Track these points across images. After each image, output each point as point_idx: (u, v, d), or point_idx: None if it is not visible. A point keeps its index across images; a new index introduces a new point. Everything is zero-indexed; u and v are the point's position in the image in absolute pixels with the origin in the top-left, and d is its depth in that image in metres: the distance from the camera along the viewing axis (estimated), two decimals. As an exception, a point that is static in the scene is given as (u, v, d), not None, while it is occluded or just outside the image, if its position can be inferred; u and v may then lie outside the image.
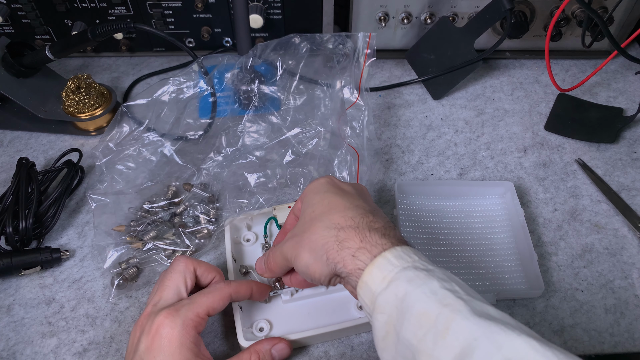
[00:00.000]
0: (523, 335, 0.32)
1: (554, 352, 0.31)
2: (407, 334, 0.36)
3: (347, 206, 0.43)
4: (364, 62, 0.60)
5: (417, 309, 0.36)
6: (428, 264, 0.39)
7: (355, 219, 0.41)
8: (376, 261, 0.39)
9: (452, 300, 0.36)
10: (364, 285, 0.39)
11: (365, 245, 0.40)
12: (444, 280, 0.37)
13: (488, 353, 0.32)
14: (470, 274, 0.56)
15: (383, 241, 0.40)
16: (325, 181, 0.47)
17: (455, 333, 0.34)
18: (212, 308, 0.44)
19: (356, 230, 0.41)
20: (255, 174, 0.59)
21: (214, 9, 0.74)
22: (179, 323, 0.42)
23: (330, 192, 0.45)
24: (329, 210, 0.43)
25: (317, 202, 0.45)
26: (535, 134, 0.70)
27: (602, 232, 0.60)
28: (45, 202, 0.58)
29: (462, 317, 0.34)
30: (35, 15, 0.73)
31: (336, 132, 0.59)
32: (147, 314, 0.44)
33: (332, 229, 0.41)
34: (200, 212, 0.59)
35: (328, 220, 0.42)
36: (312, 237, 0.42)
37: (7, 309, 0.54)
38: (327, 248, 0.41)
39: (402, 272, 0.38)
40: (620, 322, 0.52)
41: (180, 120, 0.61)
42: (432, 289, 0.36)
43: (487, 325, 0.34)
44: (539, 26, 0.76)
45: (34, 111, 0.68)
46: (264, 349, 0.46)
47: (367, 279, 0.39)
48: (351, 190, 0.46)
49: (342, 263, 0.40)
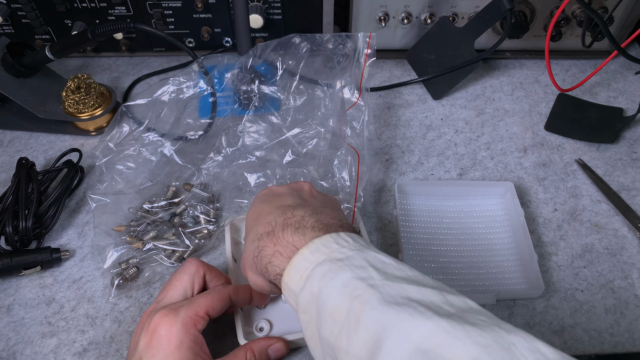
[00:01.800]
0: (434, 317, 0.31)
1: (467, 330, 0.30)
2: (325, 332, 0.35)
3: (270, 211, 0.43)
4: (364, 62, 0.60)
5: (330, 304, 0.35)
6: (348, 250, 0.37)
7: (272, 223, 0.41)
8: (293, 260, 0.38)
9: (362, 291, 0.34)
10: (286, 287, 0.39)
11: (278, 248, 0.40)
12: (358, 268, 0.36)
13: (397, 343, 0.31)
14: (470, 274, 0.56)
15: (295, 238, 0.39)
16: (264, 193, 0.48)
17: (366, 325, 0.33)
18: (212, 308, 0.44)
19: (271, 235, 0.40)
20: (255, 174, 0.59)
21: (214, 9, 0.74)
22: (179, 321, 0.42)
23: (260, 201, 0.46)
24: (255, 222, 0.44)
25: (249, 217, 0.46)
26: (535, 134, 0.70)
27: (602, 232, 0.60)
28: (45, 202, 0.58)
29: (370, 308, 0.33)
30: (35, 15, 0.73)
31: (336, 132, 0.59)
32: (149, 311, 0.44)
33: (255, 240, 0.42)
34: (200, 212, 0.59)
35: (253, 233, 0.43)
36: (245, 255, 0.43)
37: (7, 309, 0.54)
38: (255, 260, 0.41)
39: (316, 268, 0.37)
40: (620, 322, 0.52)
41: (180, 120, 0.61)
42: (343, 281, 0.35)
43: (394, 313, 0.32)
44: (539, 26, 0.76)
45: (34, 111, 0.68)
46: (261, 348, 0.46)
47: (287, 280, 0.39)
48: (283, 191, 0.46)
49: (266, 271, 0.40)
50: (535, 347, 0.29)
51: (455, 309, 0.33)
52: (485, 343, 0.29)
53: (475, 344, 0.29)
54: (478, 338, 0.30)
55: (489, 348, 0.29)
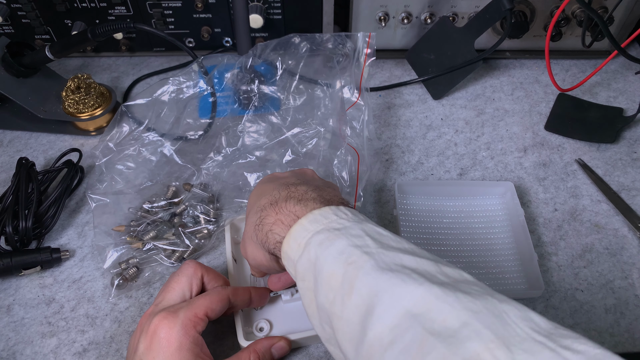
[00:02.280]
0: (426, 283, 0.32)
1: (458, 296, 0.30)
2: (321, 299, 0.36)
3: (274, 187, 0.44)
4: (364, 62, 0.60)
5: (326, 271, 0.36)
6: (347, 221, 0.38)
7: (275, 195, 0.42)
8: (292, 230, 0.39)
9: (357, 257, 0.35)
10: (285, 255, 0.39)
11: (280, 217, 0.40)
12: (355, 237, 0.36)
13: (388, 307, 0.32)
14: (470, 274, 0.55)
15: (297, 208, 0.40)
16: (265, 177, 0.49)
17: (359, 291, 0.33)
18: (211, 309, 0.44)
19: (274, 205, 0.41)
20: (255, 173, 0.59)
21: (214, 9, 0.74)
22: (178, 323, 0.42)
23: (263, 182, 0.47)
24: (257, 197, 0.44)
25: (252, 196, 0.47)
26: (535, 134, 0.70)
27: (602, 232, 0.60)
28: (45, 202, 0.58)
29: (363, 274, 0.34)
30: (35, 15, 0.73)
31: (336, 132, 0.59)
32: (148, 313, 0.44)
33: (258, 212, 0.42)
34: (200, 212, 0.59)
35: (256, 206, 0.44)
36: (247, 228, 0.44)
37: (7, 309, 0.54)
38: (256, 231, 0.42)
39: (314, 236, 0.38)
40: (620, 322, 0.52)
41: (180, 120, 0.61)
42: (339, 248, 0.36)
43: (387, 279, 0.33)
44: (539, 26, 0.76)
45: (34, 111, 0.68)
46: (264, 348, 0.46)
47: (286, 248, 0.39)
48: (287, 174, 0.47)
49: (266, 241, 0.41)
50: (528, 316, 0.29)
51: (449, 279, 0.33)
52: (475, 309, 0.30)
53: (466, 310, 0.30)
54: (469, 304, 0.30)
55: (479, 314, 0.29)
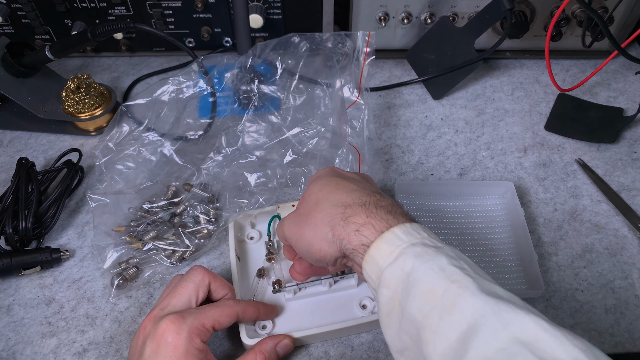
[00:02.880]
0: (531, 314, 0.32)
1: (563, 332, 0.31)
2: (412, 310, 0.36)
3: (353, 188, 0.43)
4: (363, 61, 0.60)
5: (424, 284, 0.36)
6: (437, 242, 0.39)
7: (362, 198, 0.41)
8: (384, 236, 0.38)
9: (460, 277, 0.35)
10: (370, 260, 0.39)
11: (371, 220, 0.39)
12: (452, 258, 0.37)
13: (495, 330, 0.32)
14: (470, 274, 0.56)
15: (389, 217, 0.39)
16: (330, 169, 0.47)
17: (462, 309, 0.33)
18: (218, 322, 0.44)
19: (363, 207, 0.40)
20: (255, 173, 0.59)
21: (214, 9, 0.74)
22: (185, 330, 0.42)
23: (336, 177, 0.45)
24: (336, 190, 0.43)
25: (323, 185, 0.44)
26: (535, 134, 0.70)
27: (602, 232, 0.60)
28: (45, 202, 0.58)
29: (469, 294, 0.34)
30: (35, 15, 0.73)
31: (337, 131, 0.59)
32: (152, 316, 0.44)
33: (339, 207, 0.41)
34: (200, 212, 0.59)
35: (335, 199, 0.42)
36: (318, 216, 0.42)
37: (7, 309, 0.54)
38: (333, 224, 0.40)
39: (410, 248, 0.37)
40: (620, 322, 0.52)
41: (180, 120, 0.61)
42: (440, 265, 0.36)
43: (494, 303, 0.33)
44: (539, 26, 0.76)
45: (34, 111, 0.68)
46: (269, 348, 0.47)
47: (374, 252, 0.38)
48: (355, 176, 0.47)
49: (347, 239, 0.40)
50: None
51: (541, 315, 0.34)
52: (582, 347, 0.31)
53: (574, 346, 0.30)
54: (575, 341, 0.31)
55: (586, 352, 0.30)
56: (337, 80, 0.60)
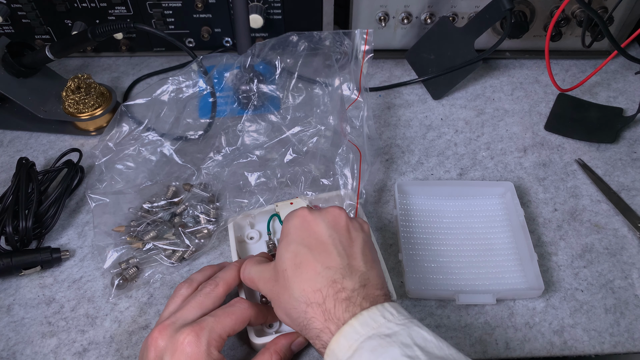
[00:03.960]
0: None
1: None
2: None
3: (317, 270, 0.42)
4: (362, 59, 0.60)
5: None
6: (396, 325, 0.39)
7: (323, 291, 0.41)
8: (342, 330, 0.39)
9: None
10: (330, 353, 0.39)
11: (328, 324, 0.40)
12: (405, 346, 0.37)
13: None
14: (470, 274, 0.56)
15: (346, 316, 0.40)
16: (299, 225, 0.45)
17: None
18: (234, 330, 0.45)
19: (322, 308, 0.41)
20: (255, 173, 0.59)
21: (214, 9, 0.74)
22: (204, 343, 0.42)
23: (302, 245, 0.44)
24: (299, 272, 0.43)
25: (289, 257, 0.44)
26: (535, 134, 0.70)
27: (602, 232, 0.60)
28: (45, 202, 0.58)
29: None
30: (35, 15, 0.73)
31: (337, 130, 0.59)
32: (165, 326, 0.43)
33: (302, 303, 0.42)
34: (200, 212, 0.59)
35: (298, 289, 0.42)
36: (287, 305, 0.43)
37: (7, 309, 0.54)
38: (300, 323, 0.42)
39: (366, 342, 0.38)
40: (620, 322, 0.52)
41: (180, 120, 0.61)
42: (393, 357, 0.37)
43: None
44: (539, 26, 0.76)
45: (34, 111, 0.68)
46: (284, 347, 0.47)
47: (334, 347, 0.39)
48: (324, 234, 0.44)
49: (313, 342, 0.42)
50: None
51: None
52: None
53: None
54: None
55: None
56: (336, 79, 0.60)
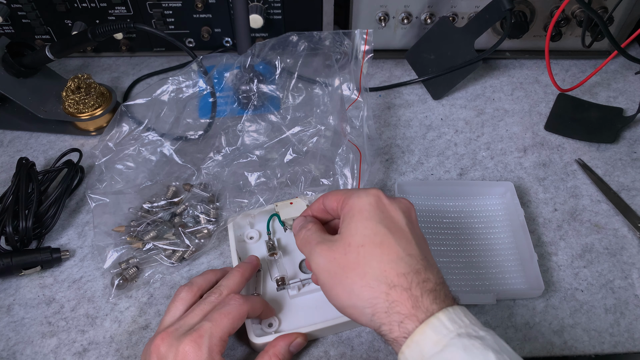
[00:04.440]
0: None
1: None
2: None
3: (400, 255, 0.40)
4: (362, 59, 0.60)
5: None
6: (479, 329, 0.37)
7: (408, 277, 0.39)
8: (429, 321, 0.37)
9: None
10: (414, 345, 0.37)
11: (416, 312, 0.38)
12: (497, 352, 0.36)
13: None
14: (470, 274, 0.56)
15: (434, 307, 0.38)
16: (375, 204, 0.42)
17: None
18: (234, 329, 0.45)
19: (408, 293, 0.38)
20: (255, 173, 0.59)
21: (214, 9, 0.74)
22: (205, 351, 0.42)
23: (382, 225, 0.41)
24: (380, 252, 0.40)
25: (367, 234, 0.41)
26: (535, 134, 0.70)
27: (602, 232, 0.60)
28: (45, 202, 0.58)
29: None
30: (35, 15, 0.73)
31: (338, 130, 0.59)
32: (169, 333, 0.43)
33: (383, 284, 0.38)
34: (200, 212, 0.59)
35: (378, 269, 0.39)
36: (358, 283, 0.39)
37: (7, 309, 0.54)
38: (375, 304, 0.38)
39: (457, 339, 0.36)
40: (620, 322, 0.52)
41: (180, 120, 0.61)
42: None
43: None
44: (539, 26, 0.76)
45: (34, 111, 0.68)
46: (283, 349, 0.47)
47: (419, 338, 0.37)
48: (402, 221, 0.42)
49: (389, 327, 0.38)
50: None
51: None
52: None
53: None
54: None
55: None
56: (336, 79, 0.60)
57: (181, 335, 0.43)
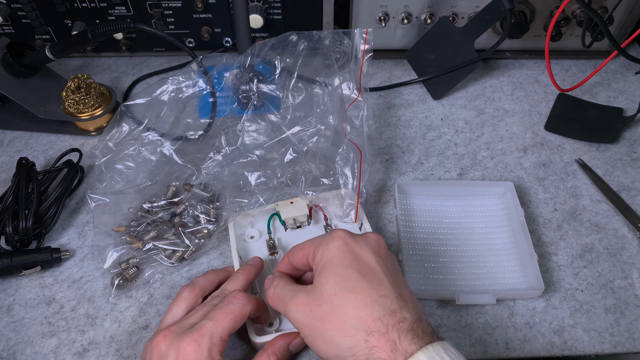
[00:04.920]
0: None
1: None
2: None
3: (373, 297, 0.40)
4: (362, 58, 0.60)
5: None
6: None
7: (384, 320, 0.39)
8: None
9: None
10: None
11: (395, 356, 0.37)
12: None
13: None
14: (470, 274, 0.56)
15: (413, 348, 0.38)
16: (344, 247, 0.43)
17: None
18: (235, 328, 0.44)
19: (386, 337, 0.38)
20: (255, 173, 0.59)
21: (214, 9, 0.74)
22: (205, 350, 0.42)
23: (351, 269, 0.42)
24: (353, 297, 0.40)
25: (338, 280, 0.41)
26: (535, 134, 0.70)
27: (602, 232, 0.60)
28: (45, 202, 0.58)
29: None
30: (35, 15, 0.73)
31: (338, 129, 0.59)
32: (170, 331, 0.43)
33: (360, 331, 0.39)
34: (200, 212, 0.59)
35: (354, 316, 0.39)
36: (337, 334, 0.40)
37: (7, 309, 0.54)
38: (355, 353, 0.38)
39: None
40: (620, 322, 0.52)
41: (180, 120, 0.61)
42: None
43: None
44: (539, 26, 0.76)
45: (34, 111, 0.68)
46: (282, 348, 0.46)
47: None
48: (371, 260, 0.43)
49: None
50: None
51: None
52: None
53: None
54: None
55: None
56: (336, 79, 0.60)
57: (182, 333, 0.43)
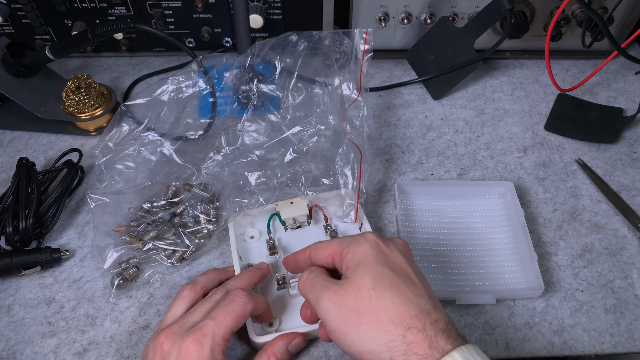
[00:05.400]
0: None
1: None
2: None
3: (409, 297, 0.40)
4: (362, 58, 0.60)
5: None
6: None
7: (421, 318, 0.39)
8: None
9: None
10: None
11: (432, 352, 0.38)
12: None
13: None
14: (470, 274, 0.56)
15: (448, 347, 0.38)
16: (376, 248, 0.43)
17: None
18: (237, 327, 0.44)
19: (423, 334, 0.38)
20: (255, 173, 0.59)
21: (214, 9, 0.74)
22: (208, 350, 0.42)
23: (387, 268, 0.42)
24: (392, 294, 0.40)
25: (376, 280, 0.41)
26: (535, 134, 0.70)
27: (602, 232, 0.60)
28: (45, 202, 0.58)
29: None
30: (35, 15, 0.73)
31: (338, 129, 0.59)
32: (172, 330, 0.43)
33: (399, 326, 0.39)
34: (200, 212, 0.59)
35: (393, 312, 0.39)
36: (374, 328, 0.39)
37: (7, 309, 0.54)
38: (392, 348, 0.38)
39: None
40: (620, 322, 0.52)
41: (180, 120, 0.61)
42: None
43: None
44: (539, 26, 0.76)
45: (34, 111, 0.68)
46: (281, 349, 0.47)
47: None
48: (403, 263, 0.43)
49: None
50: None
51: None
52: None
53: None
54: None
55: None
56: (336, 79, 0.60)
57: (184, 332, 0.43)
